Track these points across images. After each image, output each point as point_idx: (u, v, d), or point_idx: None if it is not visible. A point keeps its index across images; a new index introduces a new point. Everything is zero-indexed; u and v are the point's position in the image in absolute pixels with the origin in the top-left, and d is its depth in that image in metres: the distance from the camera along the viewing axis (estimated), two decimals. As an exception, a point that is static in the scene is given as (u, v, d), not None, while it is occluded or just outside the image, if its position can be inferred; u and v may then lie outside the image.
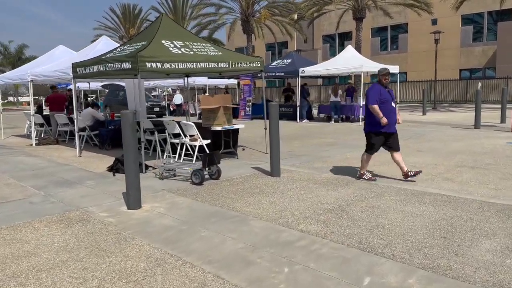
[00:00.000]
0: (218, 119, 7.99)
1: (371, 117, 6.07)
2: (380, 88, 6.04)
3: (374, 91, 6.00)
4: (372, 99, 5.95)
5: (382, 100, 5.95)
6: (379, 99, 5.94)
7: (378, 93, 5.96)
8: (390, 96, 6.05)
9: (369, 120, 6.14)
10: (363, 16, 25.02)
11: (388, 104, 6.00)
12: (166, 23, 8.53)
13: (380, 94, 5.96)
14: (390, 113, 6.01)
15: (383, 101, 5.96)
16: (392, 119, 6.05)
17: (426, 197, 5.27)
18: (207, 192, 5.72)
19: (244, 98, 18.92)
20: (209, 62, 7.87)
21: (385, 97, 5.98)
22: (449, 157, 8.02)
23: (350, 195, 5.44)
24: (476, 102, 12.53)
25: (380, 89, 6.03)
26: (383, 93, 6.00)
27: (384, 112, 5.95)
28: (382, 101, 5.95)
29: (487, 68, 31.74)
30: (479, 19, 32.22)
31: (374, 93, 5.98)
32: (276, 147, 6.58)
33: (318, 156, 8.65)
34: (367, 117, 6.18)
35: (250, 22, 30.85)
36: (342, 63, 15.71)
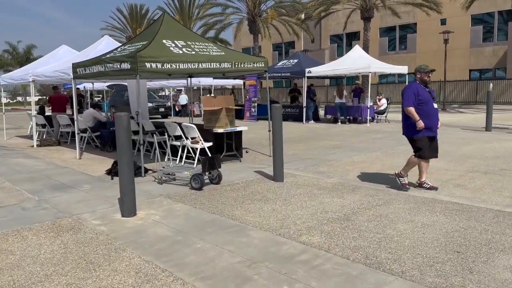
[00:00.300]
0: (220, 121, 7.75)
1: (409, 119, 5.49)
2: (418, 87, 5.45)
3: (411, 90, 5.41)
4: (408, 100, 5.38)
5: (421, 100, 5.37)
6: (416, 100, 5.37)
7: (415, 93, 5.37)
8: (431, 96, 5.47)
9: (406, 122, 5.57)
10: (371, 15, 24.68)
11: (428, 105, 5.40)
12: (168, 23, 8.31)
13: (418, 94, 5.38)
14: (431, 115, 5.43)
15: (422, 102, 5.38)
16: (433, 122, 5.46)
17: (437, 205, 4.97)
18: (206, 198, 5.48)
19: (249, 98, 18.67)
20: (211, 62, 7.64)
21: (425, 98, 5.39)
22: (460, 162, 7.69)
23: (357, 202, 5.17)
24: (487, 103, 12.16)
25: (418, 88, 5.43)
26: (422, 93, 5.40)
27: (423, 114, 5.37)
28: (420, 102, 5.37)
29: (497, 68, 31.18)
30: (489, 18, 31.65)
31: (410, 93, 5.39)
32: (279, 151, 6.32)
33: (324, 159, 8.37)
34: (404, 120, 5.62)
35: (257, 22, 30.60)
36: (349, 63, 15.40)
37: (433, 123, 5.48)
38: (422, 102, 5.39)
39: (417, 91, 5.41)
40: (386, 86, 33.30)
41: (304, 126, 15.55)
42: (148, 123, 8.72)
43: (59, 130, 11.95)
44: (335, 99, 15.97)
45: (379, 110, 15.85)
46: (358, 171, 7.17)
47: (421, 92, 5.41)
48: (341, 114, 16.11)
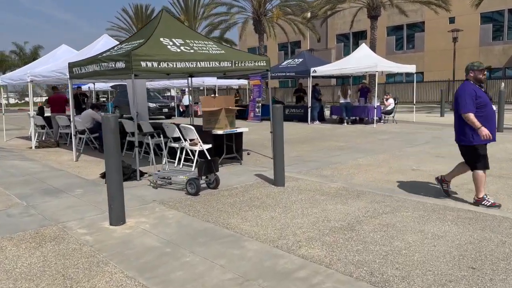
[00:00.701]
0: (219, 122, 7.45)
1: (466, 125, 4.75)
2: (474, 88, 4.74)
3: (468, 94, 4.67)
4: (466, 106, 4.63)
5: (480, 103, 4.67)
6: (475, 104, 4.65)
7: (473, 96, 4.66)
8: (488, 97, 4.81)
9: (462, 129, 4.82)
10: (378, 14, 24.25)
11: (487, 107, 4.70)
12: (166, 20, 8.03)
13: (476, 96, 4.67)
14: (490, 119, 4.74)
15: (482, 105, 4.68)
16: (493, 126, 4.79)
17: (448, 213, 4.62)
18: (202, 204, 5.17)
19: (253, 99, 18.36)
20: (210, 61, 7.34)
21: (484, 100, 4.70)
22: (471, 165, 7.31)
23: (362, 209, 4.83)
24: (499, 103, 11.73)
25: (475, 89, 4.72)
26: (480, 94, 4.71)
27: (483, 118, 4.67)
28: (480, 105, 4.67)
29: (507, 67, 30.56)
30: (499, 17, 31.05)
31: (468, 97, 4.64)
32: (280, 154, 5.99)
33: (328, 162, 8.03)
34: (459, 126, 4.87)
35: (262, 21, 30.28)
36: (355, 62, 15.02)
37: (493, 127, 4.80)
38: (481, 105, 4.68)
39: (474, 93, 4.68)
40: (393, 86, 32.84)
41: (309, 127, 15.20)
42: (146, 124, 8.45)
43: (58, 131, 11.73)
44: (340, 98, 15.61)
45: (386, 110, 15.46)
46: (364, 174, 6.82)
47: (479, 94, 4.71)
48: (346, 115, 15.75)
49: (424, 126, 14.21)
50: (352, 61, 15.31)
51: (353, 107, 15.72)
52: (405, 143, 10.17)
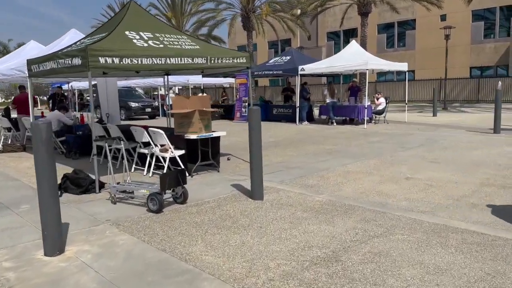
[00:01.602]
0: (193, 125, 6.67)
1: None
2: None
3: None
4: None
5: None
6: None
7: None
8: None
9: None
10: (368, 11, 23.59)
11: None
12: (135, 12, 7.23)
13: None
14: None
15: None
16: None
17: (450, 236, 3.92)
18: (162, 225, 4.41)
19: (240, 98, 17.60)
20: (182, 57, 6.57)
21: None
22: (470, 171, 6.64)
23: (350, 231, 4.10)
24: (496, 103, 11.12)
25: None
26: None
27: None
28: None
29: (499, 66, 30.18)
30: (491, 14, 30.65)
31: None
32: (258, 164, 5.25)
33: (314, 168, 7.31)
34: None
35: (251, 18, 29.49)
36: (345, 60, 14.32)
37: None
38: None
39: None
40: (384, 84, 32.31)
41: (296, 128, 14.48)
42: (114, 127, 7.64)
43: (25, 134, 10.86)
44: (326, 98, 14.93)
45: (377, 110, 14.80)
46: (353, 184, 6.11)
47: None
48: (334, 114, 15.10)
49: (417, 126, 13.58)
50: (342, 59, 14.62)
51: (342, 107, 15.04)
52: (397, 146, 9.50)
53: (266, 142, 10.89)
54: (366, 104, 13.82)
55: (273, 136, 12.30)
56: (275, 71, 16.19)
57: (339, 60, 14.65)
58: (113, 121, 9.80)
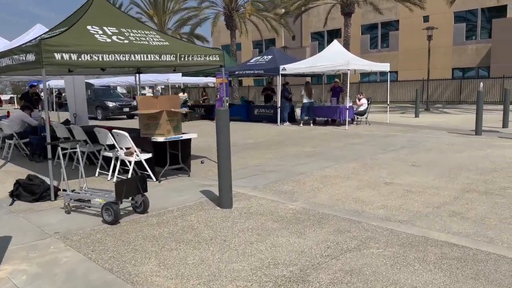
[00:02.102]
0: (160, 127, 6.25)
1: None
2: None
3: None
4: None
5: None
6: None
7: None
8: None
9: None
10: (351, 11, 23.43)
11: None
12: (100, 5, 6.77)
13: None
14: None
15: None
16: None
17: (429, 249, 3.60)
18: (115, 238, 3.98)
19: (220, 98, 17.17)
20: (149, 54, 6.14)
21: None
22: (452, 176, 6.38)
23: (321, 244, 3.75)
24: (478, 104, 10.96)
25: None
26: None
27: None
28: None
29: (480, 67, 30.43)
30: (472, 16, 30.87)
31: None
32: (226, 170, 4.86)
33: (291, 172, 6.96)
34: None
35: (234, 17, 29.10)
36: (327, 60, 14.04)
37: None
38: None
39: None
40: (368, 85, 32.25)
41: (277, 129, 14.14)
42: (78, 129, 7.15)
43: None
44: (303, 98, 14.63)
45: (359, 111, 14.56)
46: (330, 190, 5.77)
47: None
48: (309, 115, 14.83)
49: (399, 128, 13.38)
50: (324, 58, 14.33)
51: (324, 108, 14.75)
52: (378, 148, 9.22)
53: (244, 144, 10.52)
54: (347, 105, 13.55)
55: (252, 137, 11.93)
56: (256, 70, 15.82)
57: (321, 60, 14.36)
58: (80, 122, 9.29)
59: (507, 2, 28.60)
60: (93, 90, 21.26)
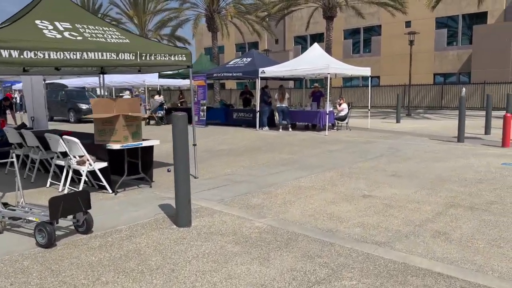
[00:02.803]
0: (116, 133, 5.63)
1: None
2: None
3: None
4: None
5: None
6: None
7: None
8: None
9: None
10: (333, 15, 23.13)
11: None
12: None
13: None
14: None
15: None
16: None
17: (410, 280, 3.10)
18: (44, 267, 3.37)
19: (198, 101, 16.56)
20: (104, 52, 5.53)
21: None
22: (434, 188, 5.94)
23: (286, 274, 3.21)
24: (460, 111, 10.64)
25: None
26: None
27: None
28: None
29: (461, 73, 30.57)
30: (453, 22, 31.04)
31: None
32: (184, 183, 4.29)
33: (263, 183, 6.42)
34: None
35: (215, 19, 28.53)
36: (307, 63, 13.60)
37: None
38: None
39: None
40: (350, 90, 32.06)
41: (255, 134, 13.60)
42: (29, 134, 6.48)
43: None
44: (277, 102, 14.18)
45: (340, 116, 14.15)
46: (303, 203, 5.25)
47: None
48: (283, 119, 14.39)
49: (379, 134, 13.00)
50: (304, 62, 13.89)
51: (304, 112, 14.30)
52: (357, 156, 8.77)
53: (218, 150, 9.95)
54: (327, 109, 13.12)
55: (228, 142, 11.37)
56: (235, 73, 15.27)
57: (301, 63, 13.91)
58: (39, 125, 8.58)
59: (488, 8, 28.81)
60: (65, 91, 20.37)
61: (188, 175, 4.32)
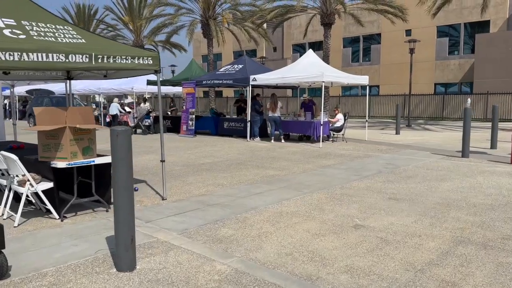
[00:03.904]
0: (62, 148, 4.76)
1: None
2: None
3: None
4: None
5: None
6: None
7: None
8: None
9: None
10: (331, 21, 22.39)
11: None
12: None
13: None
14: None
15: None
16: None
17: None
18: None
19: (186, 109, 15.72)
20: (49, 54, 4.68)
21: None
22: (439, 216, 5.06)
23: None
24: (465, 123, 9.78)
25: None
26: None
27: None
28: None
29: (463, 83, 29.80)
30: (455, 31, 30.35)
31: None
32: (125, 218, 3.41)
33: (241, 206, 5.55)
34: None
35: (211, 25, 27.83)
36: (300, 71, 12.78)
37: None
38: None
39: None
40: (349, 99, 31.23)
41: (245, 145, 12.74)
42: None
43: None
44: (268, 112, 13.34)
45: (335, 127, 13.29)
46: (281, 236, 4.37)
47: None
48: (275, 130, 13.55)
49: (377, 146, 12.14)
50: (296, 69, 13.07)
51: (298, 123, 13.45)
52: (351, 173, 7.89)
53: (199, 164, 9.07)
54: (322, 120, 12.26)
55: (212, 155, 10.49)
56: (225, 80, 14.45)
57: (294, 70, 13.09)
58: (-4, 136, 7.73)
59: (490, 17, 28.13)
60: (51, 98, 19.57)
61: (132, 208, 3.44)
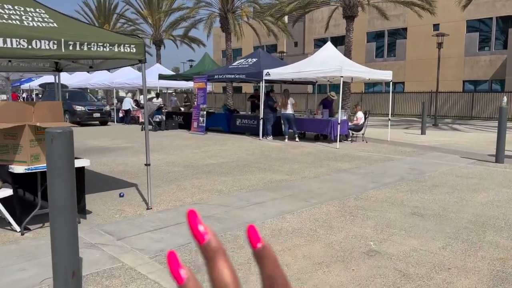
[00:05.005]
0: (21, 150, 4.06)
1: None
2: None
3: None
4: None
5: None
6: None
7: None
8: None
9: None
10: (354, 14, 21.23)
11: None
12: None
13: None
14: None
15: None
16: None
17: None
18: None
19: (197, 105, 15.02)
20: (7, 38, 3.98)
21: None
22: (473, 240, 4.12)
23: None
24: (500, 123, 8.68)
25: None
26: None
27: None
28: None
29: (493, 80, 28.09)
30: (486, 26, 28.61)
31: None
32: (65, 241, 2.65)
33: (234, 221, 4.75)
34: None
35: (229, 19, 27.07)
36: (317, 64, 11.85)
37: None
38: None
39: None
40: (372, 96, 29.98)
41: (256, 144, 11.92)
42: None
43: None
44: (281, 110, 12.49)
45: (355, 126, 12.31)
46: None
47: None
48: (289, 128, 12.67)
49: (400, 148, 11.11)
50: (313, 63, 12.14)
51: (314, 121, 12.54)
52: (369, 180, 6.97)
53: (202, 166, 8.31)
54: (339, 118, 11.31)
55: (219, 155, 9.73)
56: (238, 75, 13.65)
57: (311, 64, 12.16)
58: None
59: (526, 10, 26.32)
60: (63, 92, 19.21)
61: (74, 233, 2.68)
